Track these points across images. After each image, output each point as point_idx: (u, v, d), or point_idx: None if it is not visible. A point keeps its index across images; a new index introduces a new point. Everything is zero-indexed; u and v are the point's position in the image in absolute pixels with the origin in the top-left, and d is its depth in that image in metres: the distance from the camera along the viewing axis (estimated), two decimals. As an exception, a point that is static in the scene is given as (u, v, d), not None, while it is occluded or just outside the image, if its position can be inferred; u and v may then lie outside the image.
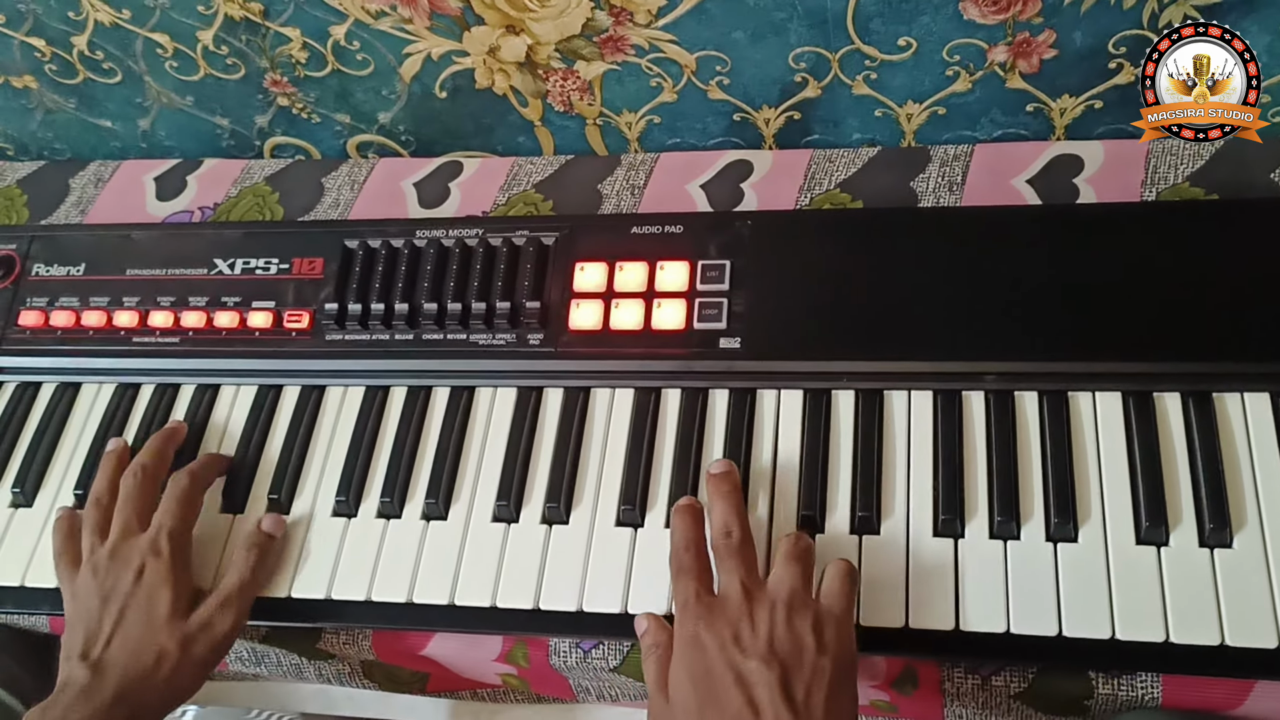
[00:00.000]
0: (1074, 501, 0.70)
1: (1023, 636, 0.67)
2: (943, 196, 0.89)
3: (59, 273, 0.91)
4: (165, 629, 0.72)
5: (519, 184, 0.98)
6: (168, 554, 0.74)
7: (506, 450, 0.79)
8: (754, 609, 0.64)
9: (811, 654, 0.62)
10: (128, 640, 0.72)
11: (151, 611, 0.73)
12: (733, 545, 0.68)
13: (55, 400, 0.88)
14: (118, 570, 0.74)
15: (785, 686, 0.61)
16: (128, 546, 0.75)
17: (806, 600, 0.65)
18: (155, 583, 0.73)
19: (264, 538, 0.77)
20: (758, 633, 0.63)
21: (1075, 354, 0.74)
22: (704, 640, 0.64)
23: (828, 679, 0.62)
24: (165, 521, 0.76)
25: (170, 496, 0.77)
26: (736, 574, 0.67)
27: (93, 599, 0.74)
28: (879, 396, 0.76)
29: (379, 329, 0.84)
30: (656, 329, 0.80)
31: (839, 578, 0.67)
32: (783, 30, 0.88)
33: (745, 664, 0.62)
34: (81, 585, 0.75)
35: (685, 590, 0.67)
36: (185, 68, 1.01)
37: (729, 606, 0.65)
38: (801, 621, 0.64)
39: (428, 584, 0.75)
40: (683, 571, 0.68)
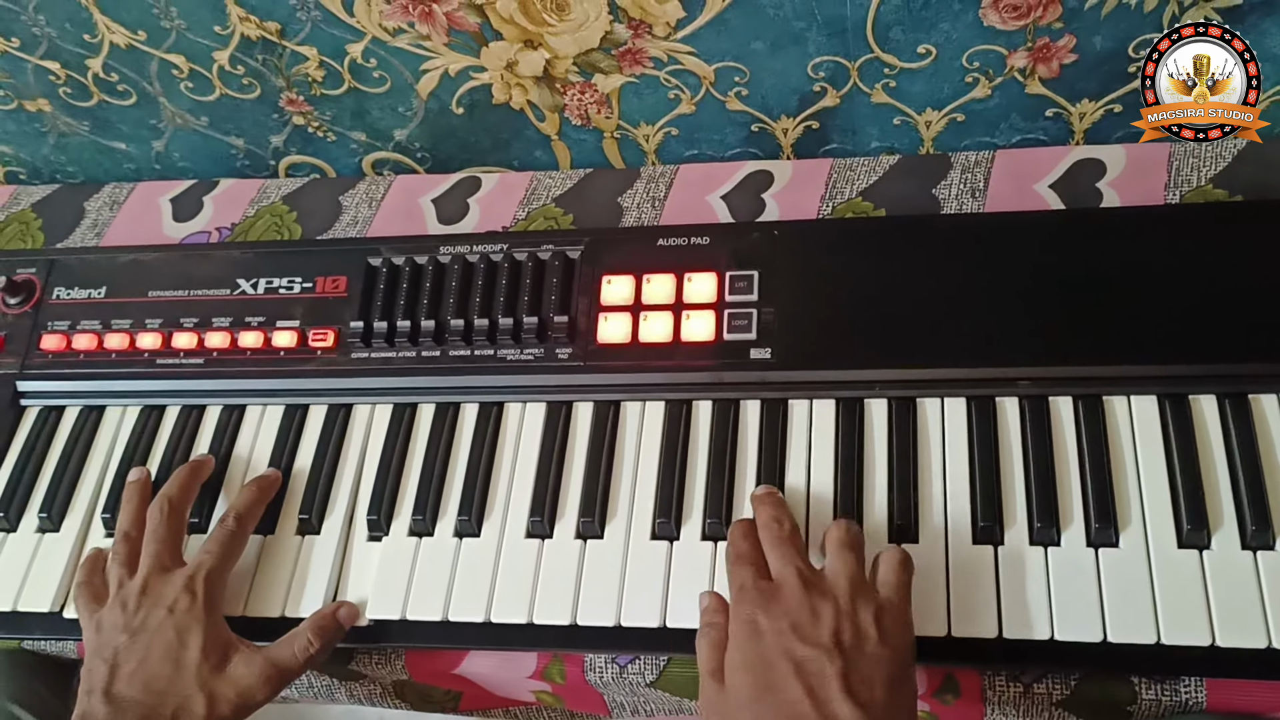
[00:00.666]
0: (1114, 506, 0.69)
1: (1067, 643, 0.67)
2: (965, 203, 0.89)
3: (80, 296, 0.90)
4: (193, 676, 0.70)
5: (538, 199, 0.98)
6: (202, 596, 0.72)
7: (538, 465, 0.78)
8: (813, 597, 0.64)
9: (873, 644, 0.62)
10: (153, 680, 0.70)
11: (181, 654, 0.70)
12: (783, 532, 0.68)
13: (79, 424, 0.87)
14: (148, 606, 0.72)
15: (846, 677, 0.60)
16: (159, 582, 0.73)
17: (866, 589, 0.65)
18: (187, 624, 0.71)
19: (335, 625, 0.74)
20: (819, 622, 0.62)
21: (1109, 358, 0.73)
22: (762, 626, 0.63)
23: (889, 670, 0.61)
24: (205, 562, 0.74)
25: (215, 538, 0.75)
26: (792, 561, 0.66)
27: (119, 634, 0.72)
28: (912, 404, 0.76)
29: (405, 346, 0.83)
30: (686, 341, 0.79)
31: (895, 567, 0.66)
32: (801, 40, 0.88)
33: (806, 653, 0.61)
34: (108, 618, 0.73)
35: (742, 575, 0.66)
36: (200, 88, 1.01)
37: (788, 594, 0.64)
38: (863, 611, 0.63)
39: (463, 601, 0.74)
40: (740, 557, 0.68)
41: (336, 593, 0.77)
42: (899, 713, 0.62)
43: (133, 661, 0.70)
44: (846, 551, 0.67)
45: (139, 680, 0.70)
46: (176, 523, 0.77)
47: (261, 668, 0.71)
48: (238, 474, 0.83)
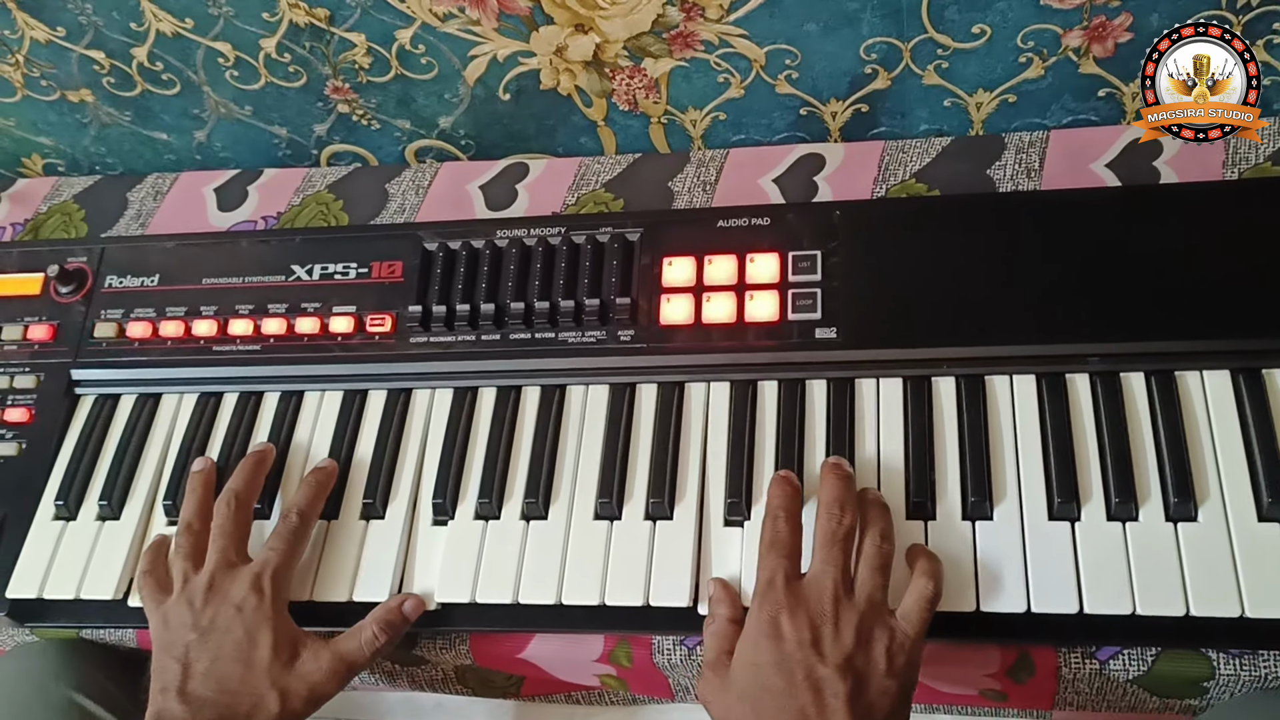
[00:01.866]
0: (1191, 480, 0.69)
1: (1148, 618, 0.66)
2: (1021, 183, 0.89)
3: (133, 284, 0.90)
4: (265, 674, 0.70)
5: (587, 184, 0.98)
6: (270, 594, 0.72)
7: (604, 447, 0.78)
8: (840, 614, 0.64)
9: (881, 675, 0.63)
10: (226, 680, 0.69)
11: (251, 653, 0.70)
12: (841, 529, 0.67)
13: (136, 412, 0.86)
14: (216, 604, 0.72)
15: (852, 700, 0.61)
16: (227, 579, 0.73)
17: (886, 619, 0.65)
18: (257, 623, 0.71)
19: (401, 619, 0.74)
20: (840, 641, 0.63)
21: (1179, 332, 0.73)
22: (784, 630, 0.63)
23: (891, 701, 0.62)
24: (271, 559, 0.73)
25: (279, 535, 0.75)
26: (833, 568, 0.66)
27: (188, 632, 0.71)
28: (980, 382, 0.75)
29: (464, 330, 0.83)
30: (750, 321, 0.79)
31: (921, 604, 0.66)
32: (855, 21, 0.88)
33: (820, 669, 0.62)
34: (175, 614, 0.73)
35: (774, 568, 0.66)
36: (246, 76, 1.00)
37: (816, 603, 0.64)
38: (880, 640, 0.64)
39: (533, 584, 0.74)
40: (776, 545, 0.67)
41: (403, 577, 0.77)
42: None
43: (205, 660, 0.70)
44: (878, 574, 0.66)
45: (213, 680, 0.70)
46: (243, 517, 0.77)
47: (330, 662, 0.71)
48: (298, 460, 0.82)
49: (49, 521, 0.83)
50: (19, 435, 0.86)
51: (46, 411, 0.87)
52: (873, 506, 0.70)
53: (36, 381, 0.88)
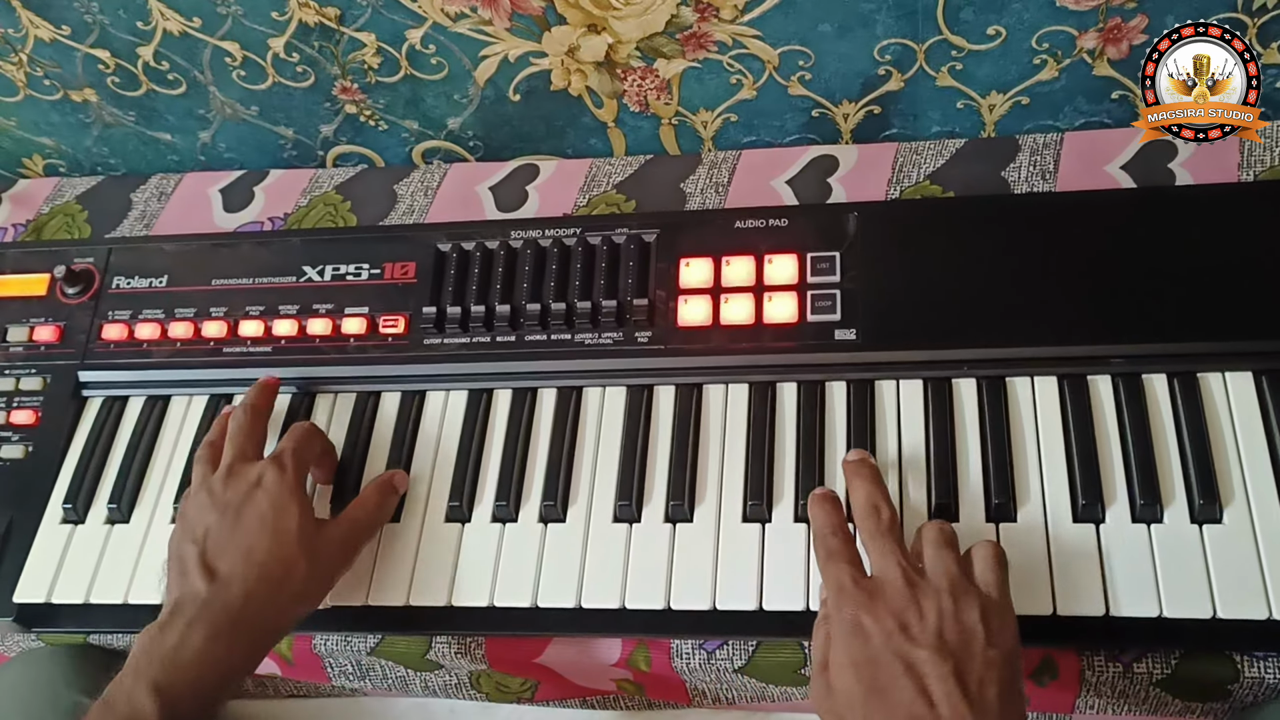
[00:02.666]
0: (1216, 481, 0.69)
1: (1176, 620, 0.66)
2: (1036, 185, 0.88)
3: (140, 285, 0.89)
4: (295, 541, 0.69)
5: (598, 185, 0.97)
6: (291, 469, 0.72)
7: (622, 449, 0.77)
8: (919, 595, 0.62)
9: (981, 644, 0.60)
10: (252, 551, 0.68)
11: (278, 524, 0.69)
12: (883, 524, 0.66)
13: (145, 414, 0.85)
14: (235, 484, 0.71)
15: (960, 678, 0.58)
16: (244, 465, 0.73)
17: (969, 588, 0.63)
18: (279, 493, 0.70)
19: (391, 489, 0.76)
20: (926, 621, 0.61)
21: (1201, 334, 0.73)
22: (867, 627, 0.61)
23: (999, 671, 0.59)
24: (287, 445, 0.74)
25: (292, 433, 0.76)
26: (893, 556, 0.64)
27: (207, 513, 0.70)
28: (1001, 383, 0.75)
29: (479, 331, 0.82)
30: (769, 322, 0.78)
31: (992, 565, 0.64)
32: (870, 22, 0.87)
33: (915, 653, 0.59)
34: (193, 505, 0.72)
35: (838, 575, 0.64)
36: (253, 76, 0.99)
37: (891, 592, 0.62)
38: (969, 610, 0.61)
39: (552, 587, 0.73)
40: (832, 556, 0.66)
41: (412, 579, 0.76)
42: (1013, 715, 0.60)
43: (225, 535, 0.69)
44: (945, 549, 0.65)
45: (238, 553, 0.68)
46: (259, 424, 0.77)
47: (349, 523, 0.73)
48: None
49: (57, 525, 0.82)
50: (25, 438, 0.85)
51: (53, 414, 0.86)
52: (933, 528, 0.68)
53: (43, 383, 0.87)
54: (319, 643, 0.79)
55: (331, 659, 0.80)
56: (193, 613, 0.66)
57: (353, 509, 0.74)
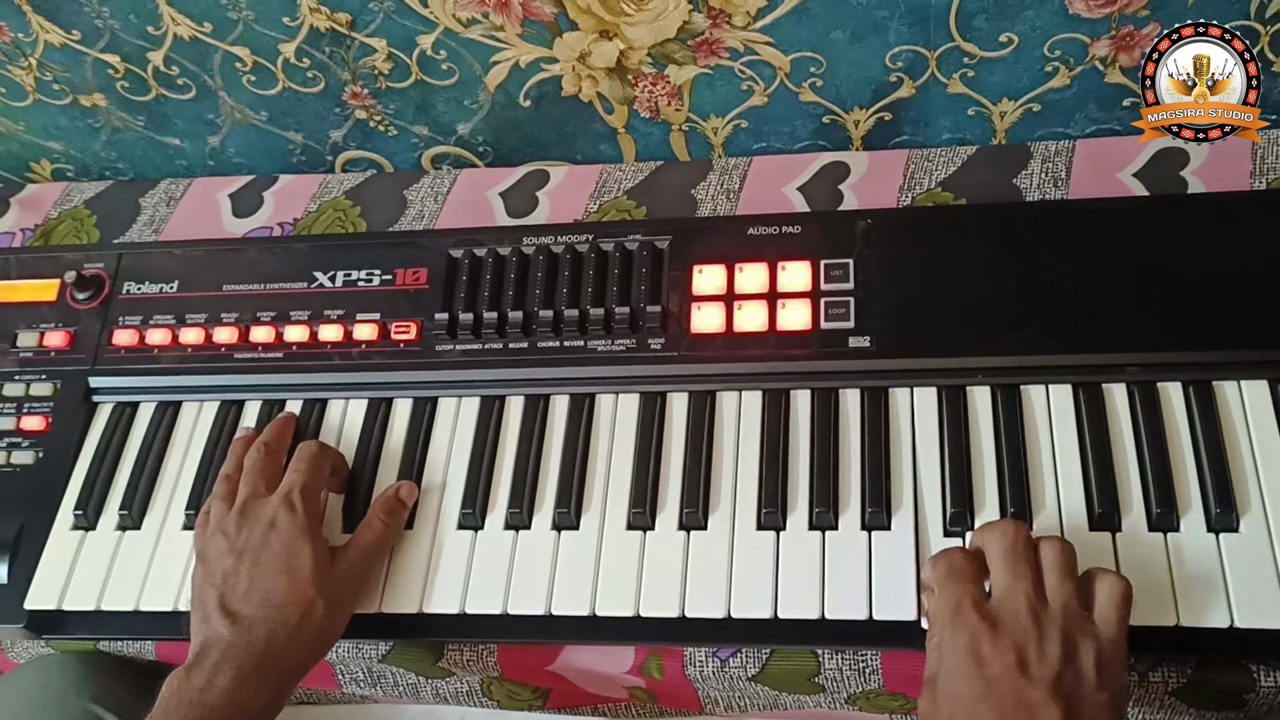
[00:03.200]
0: (1232, 490, 0.69)
1: (1190, 629, 0.66)
2: (1048, 192, 0.88)
3: (151, 290, 0.89)
4: (310, 581, 0.70)
5: (609, 191, 0.97)
6: (301, 509, 0.73)
7: (635, 456, 0.77)
8: (1042, 629, 0.60)
9: (1093, 689, 0.58)
10: (270, 594, 0.69)
11: (293, 565, 0.71)
12: (1019, 543, 0.63)
13: (156, 420, 0.85)
14: (249, 525, 0.73)
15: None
16: (257, 505, 0.74)
17: (1088, 628, 0.61)
18: (292, 536, 0.72)
19: (398, 504, 0.77)
20: (1045, 660, 0.59)
21: (1216, 342, 0.73)
22: (985, 656, 0.59)
23: (1107, 715, 0.58)
24: (295, 480, 0.75)
25: (299, 458, 0.77)
26: (1024, 580, 0.62)
27: (225, 557, 0.72)
28: (1016, 391, 0.75)
29: (492, 338, 0.82)
30: (782, 330, 0.78)
31: (1118, 603, 0.62)
32: (883, 29, 0.87)
33: (1030, 693, 0.58)
34: (211, 546, 0.73)
35: (959, 593, 0.62)
36: (263, 81, 0.99)
37: (1014, 621, 0.60)
38: (1086, 653, 0.59)
39: (565, 595, 0.73)
40: (954, 571, 0.63)
41: (425, 587, 0.75)
42: None
43: (245, 580, 0.70)
44: (1069, 580, 0.62)
45: (256, 596, 0.70)
46: (274, 462, 0.78)
47: (359, 552, 0.74)
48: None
49: (67, 531, 0.81)
50: (36, 444, 0.85)
51: (64, 420, 0.86)
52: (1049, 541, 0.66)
53: (54, 389, 0.87)
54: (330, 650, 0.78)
55: (342, 666, 0.80)
56: (218, 656, 0.67)
57: (361, 535, 0.75)
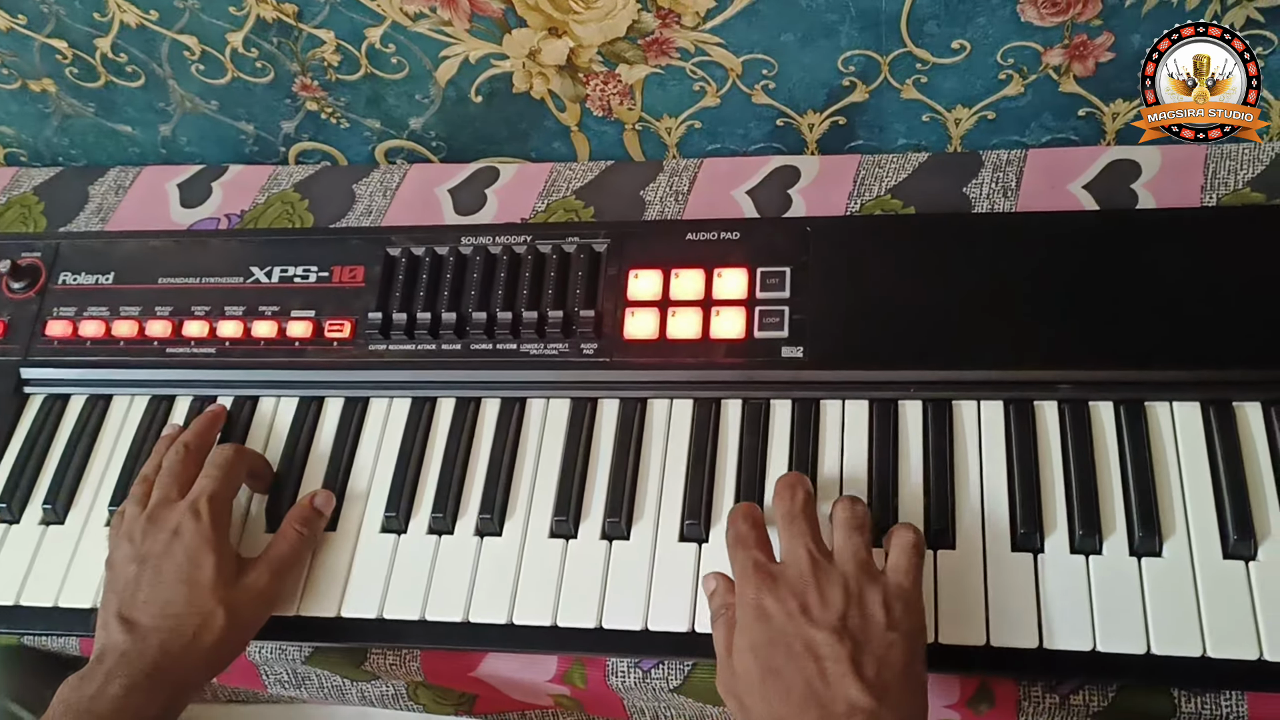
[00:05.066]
0: (1158, 514, 0.68)
1: (1109, 654, 0.65)
2: (997, 202, 0.87)
3: (87, 281, 0.88)
4: (210, 592, 0.69)
5: (558, 190, 0.96)
6: (207, 517, 0.72)
7: (562, 463, 0.76)
8: (821, 579, 0.62)
9: (880, 629, 0.61)
10: (169, 604, 0.68)
11: (194, 574, 0.69)
12: (797, 503, 0.67)
13: (86, 413, 0.84)
14: (154, 533, 0.72)
15: (856, 661, 0.59)
16: (165, 511, 0.73)
17: (874, 573, 0.63)
18: (196, 545, 0.70)
19: (314, 513, 0.75)
20: (828, 604, 0.61)
21: (1150, 362, 0.72)
22: (769, 608, 0.62)
23: (898, 654, 0.60)
24: (205, 486, 0.73)
25: (212, 463, 0.75)
26: (803, 539, 0.65)
27: (129, 565, 0.71)
28: (948, 406, 0.74)
29: (425, 339, 0.81)
30: (715, 338, 0.77)
31: (906, 551, 0.65)
32: (834, 33, 0.86)
33: (815, 635, 0.60)
34: (118, 553, 0.72)
35: (744, 559, 0.65)
36: (212, 71, 0.98)
37: (795, 575, 0.63)
38: (872, 596, 0.62)
39: (484, 602, 0.72)
40: (740, 540, 0.67)
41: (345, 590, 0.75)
42: (909, 696, 0.60)
43: (145, 588, 0.69)
44: (855, 533, 0.66)
45: (155, 605, 0.69)
46: (192, 464, 0.76)
47: (268, 565, 0.72)
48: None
49: (-9, 524, 0.81)
50: (-36, 435, 0.84)
51: (-6, 410, 0.85)
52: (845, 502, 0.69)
53: (-15, 379, 0.86)
54: (253, 651, 0.78)
55: (267, 667, 0.80)
56: (111, 664, 0.66)
57: (274, 546, 0.74)
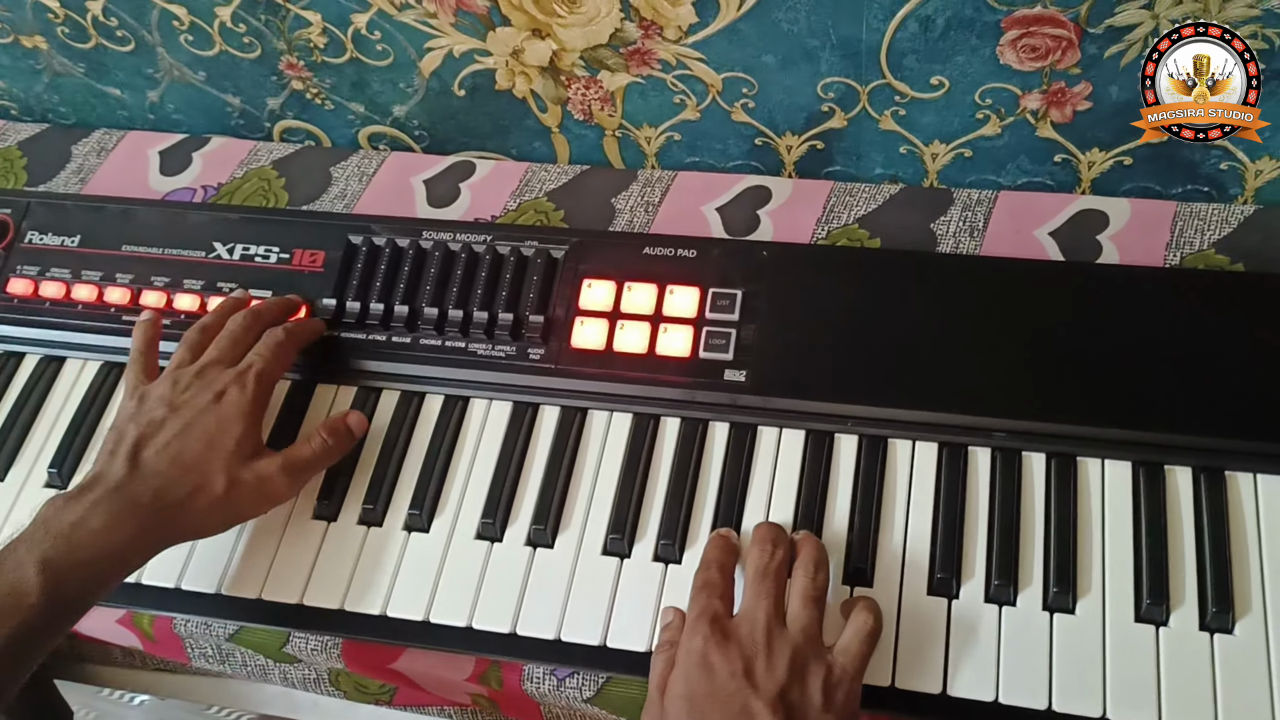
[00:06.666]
0: (1075, 571, 0.68)
1: (1011, 707, 0.65)
2: (963, 241, 0.87)
3: (53, 242, 0.88)
4: (222, 462, 0.70)
5: (531, 191, 0.96)
6: (252, 391, 0.73)
7: (496, 466, 0.77)
8: (773, 646, 0.62)
9: (817, 711, 0.60)
10: (181, 455, 0.69)
11: (217, 439, 0.70)
12: (772, 566, 0.66)
13: (38, 373, 0.85)
14: (198, 387, 0.73)
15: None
16: (215, 371, 0.74)
17: (822, 652, 0.63)
18: (231, 414, 0.72)
19: (345, 429, 0.77)
20: (773, 673, 0.61)
21: (1087, 418, 0.72)
22: (714, 663, 0.62)
23: None
24: (256, 362, 0.75)
25: (265, 343, 0.76)
26: (765, 600, 0.64)
27: (160, 406, 0.72)
28: (883, 444, 0.74)
29: (376, 330, 0.81)
30: (661, 354, 0.77)
31: (860, 637, 0.64)
32: (814, 58, 0.86)
33: (753, 702, 0.60)
34: (154, 390, 0.73)
35: (704, 605, 0.65)
36: (200, 42, 0.98)
37: (748, 635, 0.63)
38: (815, 674, 0.62)
39: (403, 598, 0.73)
40: (707, 586, 0.66)
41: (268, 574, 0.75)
42: None
43: (168, 434, 0.70)
44: (811, 606, 0.65)
45: (169, 453, 0.69)
46: (253, 336, 0.77)
47: (283, 462, 0.73)
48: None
49: (-69, 479, 0.82)
50: (-83, 386, 0.85)
51: (-52, 364, 0.86)
52: (805, 541, 0.69)
53: (-58, 332, 0.87)
54: (180, 624, 0.79)
55: (192, 640, 0.80)
56: (100, 493, 0.67)
57: (296, 448, 0.74)
